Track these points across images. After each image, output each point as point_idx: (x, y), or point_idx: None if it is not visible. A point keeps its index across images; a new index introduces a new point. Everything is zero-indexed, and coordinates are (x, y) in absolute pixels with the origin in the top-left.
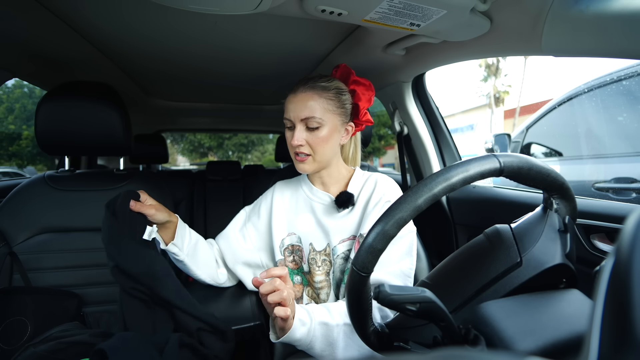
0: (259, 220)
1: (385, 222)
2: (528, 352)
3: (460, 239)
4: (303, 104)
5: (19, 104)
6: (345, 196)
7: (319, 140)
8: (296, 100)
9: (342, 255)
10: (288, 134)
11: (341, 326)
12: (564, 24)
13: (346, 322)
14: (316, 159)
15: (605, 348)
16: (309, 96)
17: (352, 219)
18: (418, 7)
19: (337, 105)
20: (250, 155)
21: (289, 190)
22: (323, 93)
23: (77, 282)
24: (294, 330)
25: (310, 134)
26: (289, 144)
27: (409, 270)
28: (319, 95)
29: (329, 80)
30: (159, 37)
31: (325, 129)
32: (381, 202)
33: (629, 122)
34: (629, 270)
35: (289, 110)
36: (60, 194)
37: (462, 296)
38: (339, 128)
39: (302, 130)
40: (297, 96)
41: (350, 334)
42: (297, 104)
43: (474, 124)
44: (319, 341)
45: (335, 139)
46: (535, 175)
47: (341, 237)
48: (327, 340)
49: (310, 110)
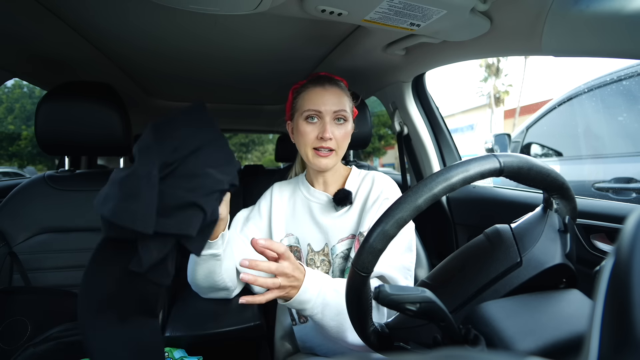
0: (261, 220)
1: (385, 222)
2: (528, 352)
3: (460, 239)
4: (337, 98)
5: (19, 104)
6: (342, 194)
7: (345, 134)
8: (327, 94)
9: (341, 254)
10: (310, 127)
11: None
12: (563, 24)
13: None
14: (338, 153)
15: (605, 348)
16: (338, 91)
17: (351, 218)
18: (418, 7)
19: (352, 105)
20: (250, 155)
21: (286, 191)
22: (344, 91)
23: (77, 282)
24: (304, 290)
25: (337, 128)
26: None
27: (410, 264)
28: (344, 93)
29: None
30: (158, 37)
31: (349, 125)
32: (379, 199)
33: (629, 122)
34: (629, 270)
35: (317, 103)
36: (60, 194)
37: (462, 296)
38: (352, 126)
39: (332, 123)
40: (327, 90)
41: None
42: (328, 97)
43: (474, 124)
44: (329, 307)
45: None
46: (535, 175)
47: (340, 237)
48: (337, 310)
49: (342, 104)
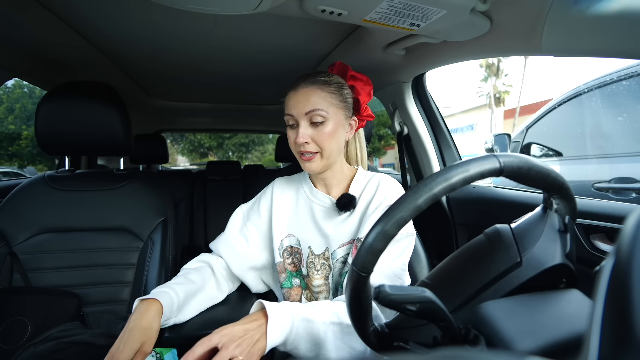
0: (260, 218)
1: (385, 222)
2: (528, 352)
3: (460, 239)
4: (306, 98)
5: (19, 104)
6: (346, 199)
7: (325, 135)
8: (298, 96)
9: (341, 259)
10: (290, 132)
11: (328, 324)
12: (563, 24)
13: (334, 322)
14: (324, 155)
15: (605, 348)
16: (311, 90)
17: (352, 223)
18: (418, 7)
19: (339, 99)
20: (250, 155)
21: (289, 188)
22: (325, 87)
23: (77, 282)
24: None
25: (315, 129)
26: (292, 144)
27: (401, 271)
28: (321, 89)
29: (329, 75)
30: (159, 38)
31: (331, 124)
32: (382, 206)
33: (629, 122)
34: (629, 270)
35: (290, 106)
36: (61, 194)
37: (462, 296)
38: (343, 122)
39: (306, 126)
40: (299, 92)
41: (340, 335)
42: (299, 99)
43: (474, 124)
44: (304, 340)
45: (341, 135)
46: (535, 175)
47: (340, 242)
48: (312, 338)
49: (314, 103)
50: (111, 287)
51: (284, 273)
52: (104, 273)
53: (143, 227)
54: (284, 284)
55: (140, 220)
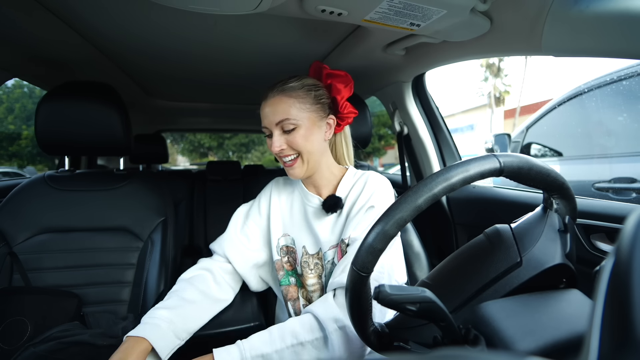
0: (260, 217)
1: (385, 222)
2: (528, 352)
3: (460, 239)
4: (274, 109)
5: (19, 104)
6: (332, 200)
7: (298, 139)
8: (267, 106)
9: (331, 260)
10: (268, 141)
11: (285, 349)
12: (563, 24)
13: (292, 344)
14: (304, 158)
15: (605, 348)
16: (278, 99)
17: (340, 225)
18: (418, 7)
19: (310, 102)
20: (250, 155)
21: (286, 188)
22: (293, 93)
23: (77, 282)
24: None
25: (288, 136)
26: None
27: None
28: (289, 97)
29: (298, 79)
30: (159, 38)
31: (303, 129)
32: (365, 208)
33: (629, 122)
34: (629, 270)
35: (262, 117)
36: (60, 194)
37: (462, 296)
38: (318, 124)
39: (279, 135)
40: (268, 102)
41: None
42: (268, 110)
43: (474, 124)
44: None
45: (317, 135)
46: (535, 175)
47: (330, 244)
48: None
49: (282, 113)
50: (111, 287)
51: (281, 270)
52: (103, 273)
53: (143, 227)
54: (282, 281)
55: (140, 220)
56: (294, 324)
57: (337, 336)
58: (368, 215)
